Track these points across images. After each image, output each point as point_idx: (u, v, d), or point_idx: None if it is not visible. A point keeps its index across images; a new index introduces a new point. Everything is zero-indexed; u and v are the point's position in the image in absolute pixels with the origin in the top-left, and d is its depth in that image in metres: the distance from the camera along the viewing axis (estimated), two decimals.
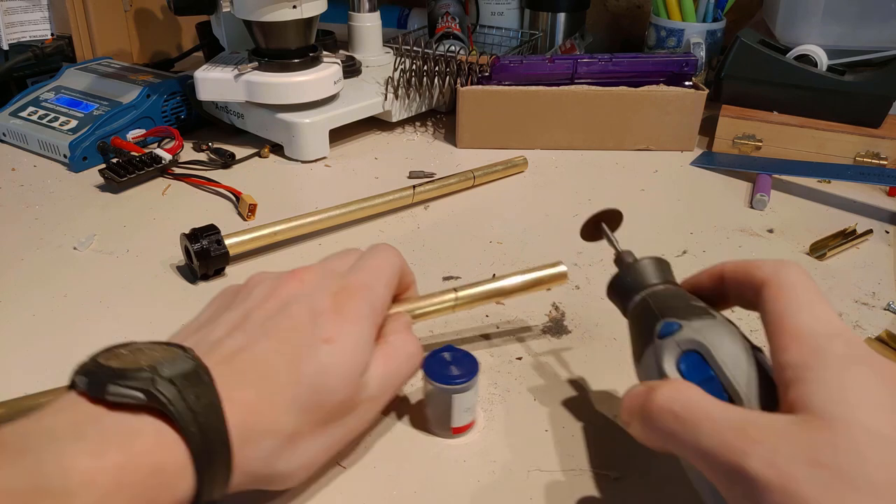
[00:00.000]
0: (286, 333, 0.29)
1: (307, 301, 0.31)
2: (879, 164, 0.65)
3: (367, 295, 0.32)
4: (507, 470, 0.33)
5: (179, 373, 0.25)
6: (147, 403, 0.24)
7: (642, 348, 0.30)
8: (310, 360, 0.29)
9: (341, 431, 0.30)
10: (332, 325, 0.30)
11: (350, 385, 0.30)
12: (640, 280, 0.33)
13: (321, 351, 0.29)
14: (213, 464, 0.25)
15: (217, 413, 0.25)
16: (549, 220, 0.57)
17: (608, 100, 0.68)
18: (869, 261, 0.52)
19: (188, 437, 0.24)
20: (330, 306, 0.31)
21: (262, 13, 0.62)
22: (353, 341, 0.30)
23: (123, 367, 0.25)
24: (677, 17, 0.80)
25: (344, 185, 0.63)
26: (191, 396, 0.25)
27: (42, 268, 0.50)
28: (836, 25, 0.70)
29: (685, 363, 0.28)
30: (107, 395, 0.24)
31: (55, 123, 0.68)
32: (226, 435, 0.25)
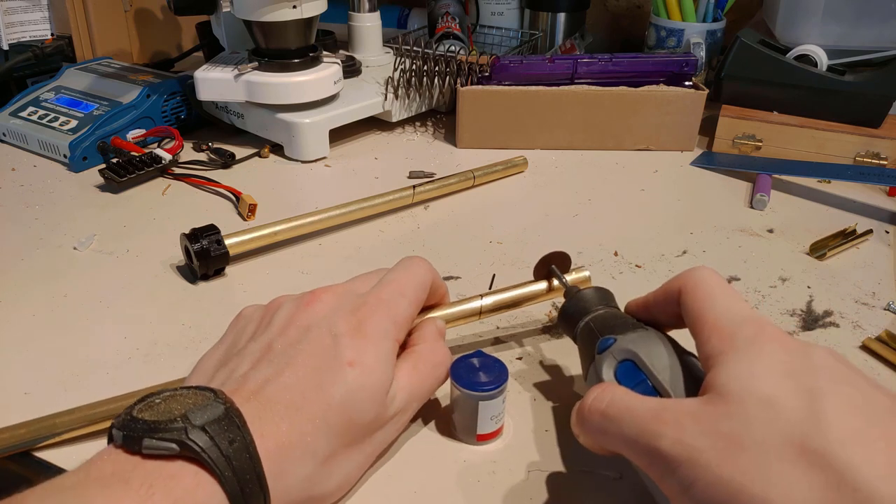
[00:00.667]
0: (310, 359, 0.30)
1: (327, 323, 0.31)
2: (879, 164, 0.65)
3: (387, 311, 0.33)
4: (507, 470, 0.33)
5: (211, 419, 0.26)
6: (181, 453, 0.25)
7: (586, 365, 0.33)
8: (336, 385, 0.29)
9: (373, 446, 0.31)
10: (353, 347, 0.30)
11: (378, 404, 0.30)
12: (584, 307, 0.36)
13: (346, 375, 0.29)
14: (250, 501, 0.25)
15: (251, 454, 0.26)
16: (549, 220, 0.57)
17: (608, 100, 0.68)
18: (869, 261, 0.52)
19: (223, 481, 0.25)
20: (350, 327, 0.31)
21: (262, 13, 0.62)
22: (375, 361, 0.31)
23: (157, 420, 0.25)
24: (677, 17, 0.80)
25: (344, 185, 0.63)
26: (223, 442, 0.25)
27: (42, 268, 0.50)
28: (836, 25, 0.69)
29: (620, 372, 0.31)
30: (143, 448, 0.25)
31: (55, 123, 0.68)
32: (260, 473, 0.26)
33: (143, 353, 0.41)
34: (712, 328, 0.28)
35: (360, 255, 0.52)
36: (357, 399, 0.29)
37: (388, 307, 0.33)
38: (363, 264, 0.51)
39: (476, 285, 0.48)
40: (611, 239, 0.54)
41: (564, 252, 0.40)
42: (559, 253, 0.40)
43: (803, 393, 0.23)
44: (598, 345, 0.32)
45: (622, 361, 0.31)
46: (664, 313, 0.33)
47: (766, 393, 0.24)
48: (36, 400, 0.37)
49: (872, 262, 0.52)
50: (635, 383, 0.30)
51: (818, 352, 0.25)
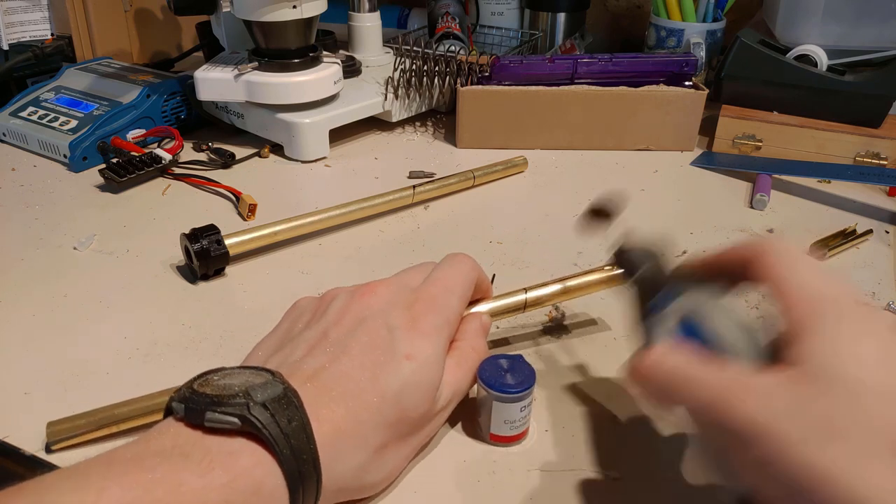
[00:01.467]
0: (366, 349, 0.30)
1: (382, 316, 0.32)
2: (879, 164, 0.65)
3: (442, 309, 0.33)
4: (507, 470, 0.33)
5: (271, 397, 0.26)
6: (242, 428, 0.25)
7: (644, 315, 0.32)
8: (392, 376, 0.30)
9: (419, 440, 0.32)
10: (409, 340, 0.31)
11: (430, 399, 0.31)
12: (650, 252, 0.34)
13: (403, 367, 0.30)
14: (305, 482, 0.26)
15: (308, 434, 0.26)
16: (549, 220, 0.57)
17: (608, 100, 0.68)
18: (869, 261, 0.52)
19: (282, 459, 0.25)
20: (406, 321, 0.32)
21: (262, 13, 0.62)
22: (431, 358, 0.31)
23: (219, 394, 0.26)
24: (677, 17, 0.80)
25: (344, 185, 0.63)
26: (283, 420, 0.26)
27: (42, 268, 0.50)
28: (836, 25, 0.69)
29: (684, 327, 0.30)
30: (205, 421, 0.25)
31: (55, 123, 0.68)
32: (315, 455, 0.26)
33: (143, 353, 0.41)
34: (797, 298, 0.26)
35: (361, 255, 0.52)
36: (411, 393, 0.30)
37: (441, 305, 0.33)
38: (363, 264, 0.51)
39: None
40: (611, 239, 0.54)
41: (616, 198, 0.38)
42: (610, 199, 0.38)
43: None
44: (661, 295, 0.31)
45: (686, 317, 0.30)
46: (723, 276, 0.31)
47: (865, 381, 0.23)
48: (36, 400, 0.37)
49: (872, 262, 0.52)
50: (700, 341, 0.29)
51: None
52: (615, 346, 0.42)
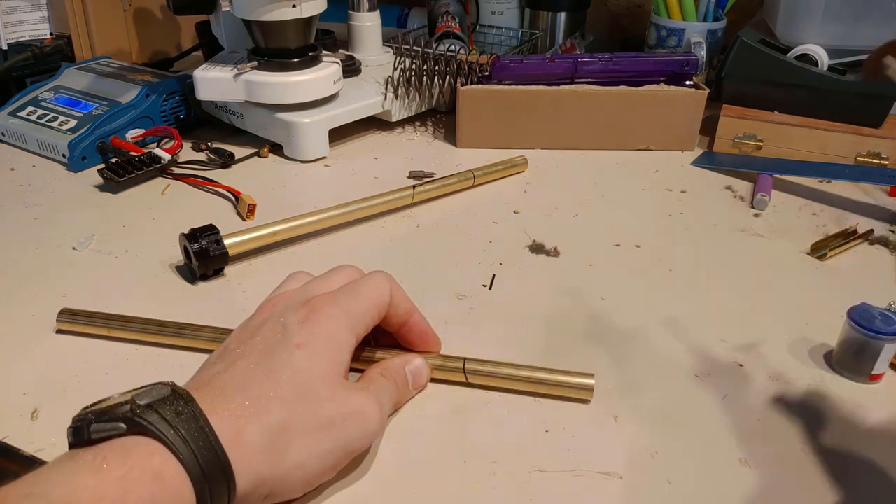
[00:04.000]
0: (261, 349, 0.31)
1: (278, 318, 0.33)
2: (880, 163, 0.65)
3: (337, 302, 0.33)
4: (506, 471, 0.33)
5: (158, 398, 0.27)
6: (130, 431, 0.26)
7: None
8: (284, 366, 0.30)
9: (332, 441, 0.30)
10: (302, 332, 0.31)
11: (330, 388, 0.31)
12: None
13: (294, 356, 0.31)
14: (208, 469, 0.26)
15: (200, 423, 0.27)
16: (550, 220, 0.57)
17: (608, 99, 0.68)
18: (870, 261, 0.52)
19: (175, 449, 0.25)
20: (300, 318, 0.32)
21: (262, 13, 0.62)
22: (323, 343, 0.31)
23: (103, 408, 0.26)
24: (678, 17, 0.80)
25: (344, 184, 0.63)
26: (170, 414, 0.26)
27: (41, 268, 0.50)
28: (837, 25, 0.69)
29: None
30: (92, 434, 0.25)
31: (54, 123, 0.68)
32: (214, 441, 0.26)
33: (142, 353, 0.41)
34: None
35: (360, 256, 0.52)
36: (305, 379, 0.30)
37: (338, 299, 0.34)
38: (362, 264, 0.50)
39: (475, 285, 0.48)
40: (611, 239, 0.54)
41: None
42: None
43: None
44: None
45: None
46: None
47: None
48: (35, 400, 0.37)
49: (873, 262, 0.52)
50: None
51: None
52: (615, 346, 0.42)
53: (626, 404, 0.37)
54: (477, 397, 0.38)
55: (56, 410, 0.36)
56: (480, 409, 0.37)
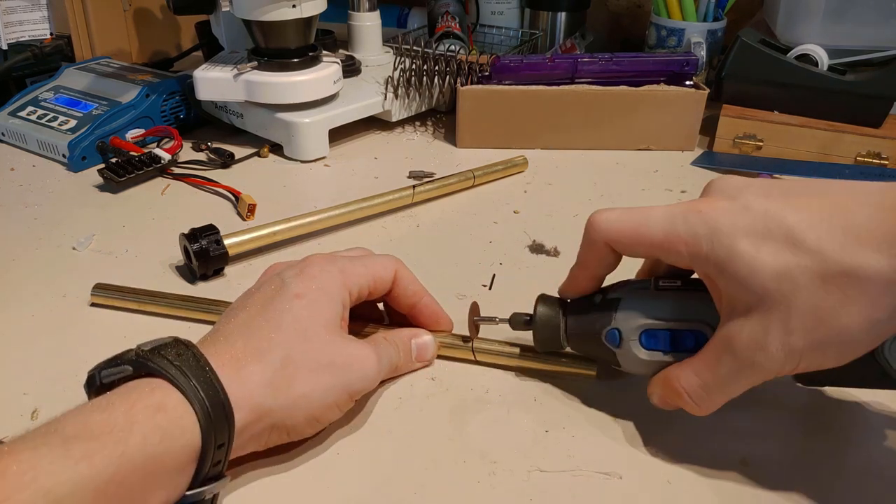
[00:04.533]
0: (261, 301, 0.34)
1: (278, 277, 0.35)
2: (880, 164, 0.65)
3: (333, 260, 0.36)
4: (506, 470, 0.33)
5: (160, 344, 0.29)
6: (135, 373, 0.28)
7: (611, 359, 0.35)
8: (284, 313, 0.33)
9: (336, 378, 0.32)
10: (299, 283, 0.34)
11: (328, 331, 0.33)
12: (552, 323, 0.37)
13: (294, 305, 0.33)
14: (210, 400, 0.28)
15: (199, 361, 0.29)
16: (550, 220, 0.57)
17: (609, 99, 0.68)
18: None
19: (176, 382, 0.28)
20: (296, 272, 0.35)
21: (262, 13, 0.62)
22: (320, 294, 0.34)
23: (112, 357, 0.29)
24: (678, 17, 0.79)
25: (343, 184, 0.63)
26: (171, 354, 0.29)
27: (41, 268, 0.50)
28: (837, 25, 0.69)
29: (647, 343, 0.34)
30: (103, 380, 0.28)
31: (54, 123, 0.68)
32: (210, 372, 0.29)
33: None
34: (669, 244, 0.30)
35: None
36: (305, 324, 0.32)
37: (335, 258, 0.36)
38: None
39: (475, 285, 0.48)
40: None
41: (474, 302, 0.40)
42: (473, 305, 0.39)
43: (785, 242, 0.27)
44: (607, 342, 0.34)
45: (640, 336, 0.33)
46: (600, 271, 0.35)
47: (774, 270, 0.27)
48: (35, 400, 0.37)
49: None
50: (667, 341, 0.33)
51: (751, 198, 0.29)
52: None
53: (626, 404, 0.37)
54: (477, 397, 0.38)
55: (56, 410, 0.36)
56: (480, 409, 0.37)
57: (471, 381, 0.39)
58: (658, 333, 0.33)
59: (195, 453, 0.28)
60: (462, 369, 0.40)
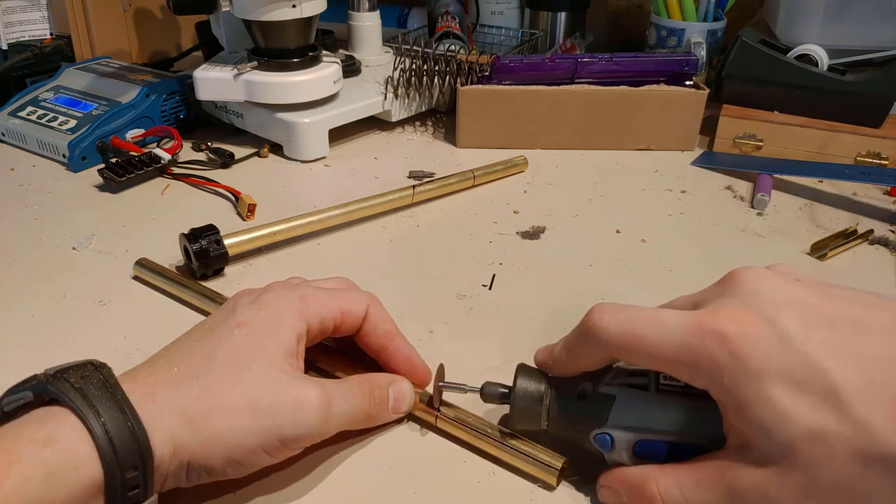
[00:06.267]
0: (204, 329, 0.31)
1: (231, 303, 0.33)
2: (880, 163, 0.65)
3: (296, 286, 0.33)
4: (507, 470, 0.33)
5: (67, 367, 0.27)
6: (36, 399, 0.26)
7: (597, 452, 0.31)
8: (221, 343, 0.30)
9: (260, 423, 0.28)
10: (247, 311, 0.31)
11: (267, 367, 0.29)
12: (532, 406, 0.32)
13: (233, 334, 0.30)
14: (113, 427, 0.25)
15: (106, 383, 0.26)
16: (550, 220, 0.57)
17: (609, 99, 0.68)
18: (870, 261, 0.52)
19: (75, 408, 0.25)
20: (251, 300, 0.32)
21: (262, 12, 0.62)
22: (265, 323, 0.31)
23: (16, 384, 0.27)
24: (678, 17, 0.79)
25: (343, 184, 0.63)
26: (74, 377, 0.26)
27: (41, 268, 0.50)
28: (837, 25, 0.69)
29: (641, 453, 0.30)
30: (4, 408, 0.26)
31: (54, 123, 0.68)
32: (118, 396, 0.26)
33: (142, 353, 0.40)
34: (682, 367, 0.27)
35: (360, 256, 0.52)
36: (242, 357, 0.29)
37: (297, 285, 0.33)
38: (362, 264, 0.51)
39: (475, 285, 0.48)
40: (611, 239, 0.54)
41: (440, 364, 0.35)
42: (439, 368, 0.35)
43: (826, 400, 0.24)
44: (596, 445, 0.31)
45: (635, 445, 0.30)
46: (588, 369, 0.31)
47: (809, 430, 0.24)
48: None
49: (873, 262, 0.52)
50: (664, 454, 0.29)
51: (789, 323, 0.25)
52: None
53: None
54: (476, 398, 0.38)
55: None
56: (480, 408, 0.37)
57: (471, 381, 0.39)
58: (654, 445, 0.29)
59: (98, 485, 0.25)
60: (462, 369, 0.40)
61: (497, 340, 0.42)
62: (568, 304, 0.46)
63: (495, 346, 0.42)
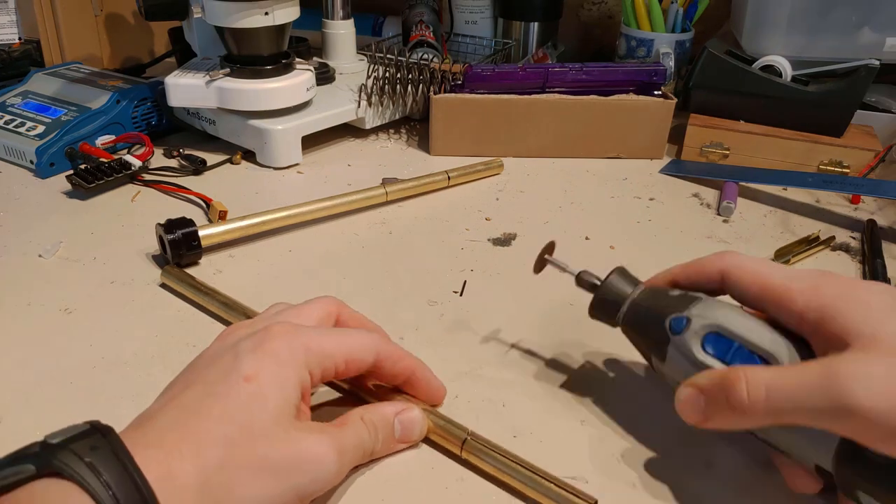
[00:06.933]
0: (212, 379, 0.29)
1: (231, 349, 0.31)
2: (842, 171, 0.67)
3: (298, 332, 0.31)
4: (475, 475, 0.33)
5: (71, 435, 0.25)
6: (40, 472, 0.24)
7: (660, 349, 0.33)
8: (230, 401, 0.28)
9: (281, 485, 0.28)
10: (252, 362, 0.29)
11: (281, 424, 0.28)
12: (620, 291, 0.35)
13: (242, 391, 0.28)
14: None
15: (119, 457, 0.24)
16: (521, 227, 0.57)
17: (579, 108, 0.69)
18: (831, 266, 0.53)
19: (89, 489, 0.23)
20: (252, 345, 0.30)
21: (234, 20, 0.62)
22: (272, 378, 0.29)
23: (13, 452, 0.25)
24: (647, 28, 0.81)
25: (316, 191, 0.63)
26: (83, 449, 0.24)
27: (6, 276, 0.49)
28: (800, 37, 0.71)
29: (709, 346, 0.31)
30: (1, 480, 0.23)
31: (22, 129, 0.67)
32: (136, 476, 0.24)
33: (108, 361, 0.40)
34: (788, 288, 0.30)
35: (332, 262, 0.52)
36: (251, 414, 0.28)
37: (300, 331, 0.32)
38: (335, 271, 0.51)
39: (446, 291, 0.48)
40: (581, 245, 0.55)
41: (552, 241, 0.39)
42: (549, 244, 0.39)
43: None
44: (669, 326, 0.32)
45: (705, 336, 0.31)
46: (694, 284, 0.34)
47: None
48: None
49: (835, 267, 0.53)
50: (731, 352, 0.31)
51: None
52: (586, 351, 0.42)
53: (593, 411, 0.38)
54: (445, 403, 0.38)
55: (21, 419, 0.36)
56: (449, 415, 0.37)
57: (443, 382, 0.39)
58: (726, 342, 0.31)
59: None
60: None
61: (468, 347, 0.43)
62: (539, 309, 0.46)
63: (466, 353, 0.42)
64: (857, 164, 0.67)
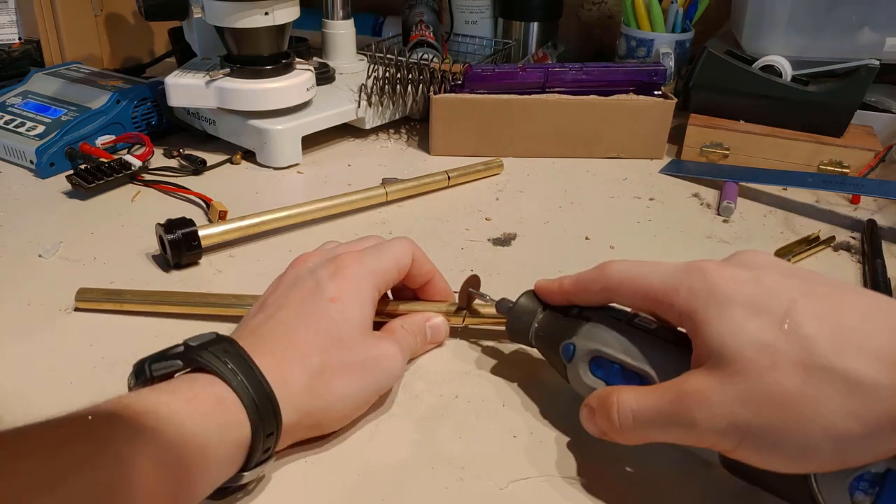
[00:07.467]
0: (299, 301, 0.35)
1: (311, 274, 0.37)
2: (842, 171, 0.67)
3: (363, 258, 0.37)
4: (475, 476, 0.33)
5: (206, 341, 0.31)
6: (185, 366, 0.30)
7: (564, 372, 0.36)
8: (322, 317, 0.34)
9: (367, 378, 0.35)
10: (334, 286, 0.35)
11: (360, 333, 0.35)
12: (525, 318, 0.38)
13: (329, 309, 0.35)
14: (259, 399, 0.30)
15: (246, 361, 0.31)
16: (521, 227, 0.57)
17: (579, 108, 0.69)
18: (831, 266, 0.53)
19: (227, 379, 0.29)
20: (330, 272, 0.36)
21: (234, 20, 0.62)
22: (353, 296, 0.35)
23: (158, 353, 0.31)
24: (647, 28, 0.81)
25: (316, 191, 0.63)
26: (219, 351, 0.30)
27: (5, 275, 0.49)
28: (800, 37, 0.71)
29: (595, 368, 0.34)
30: (153, 372, 0.30)
31: (22, 129, 0.67)
32: (259, 376, 0.30)
33: (108, 361, 0.40)
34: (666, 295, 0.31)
35: None
36: (340, 328, 0.34)
37: (363, 258, 0.37)
38: None
39: None
40: (581, 246, 0.55)
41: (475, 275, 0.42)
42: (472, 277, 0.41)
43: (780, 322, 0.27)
44: (561, 354, 0.35)
45: (591, 360, 0.34)
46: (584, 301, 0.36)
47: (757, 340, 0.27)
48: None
49: (835, 267, 0.53)
50: (613, 373, 0.33)
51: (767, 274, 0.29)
52: None
53: None
54: (445, 403, 0.38)
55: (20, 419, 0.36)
56: (448, 415, 0.37)
57: (439, 387, 0.39)
58: (607, 364, 0.33)
59: (245, 447, 0.30)
60: (431, 375, 0.40)
61: (467, 346, 0.43)
62: None
63: (466, 353, 0.42)
64: (857, 164, 0.67)
